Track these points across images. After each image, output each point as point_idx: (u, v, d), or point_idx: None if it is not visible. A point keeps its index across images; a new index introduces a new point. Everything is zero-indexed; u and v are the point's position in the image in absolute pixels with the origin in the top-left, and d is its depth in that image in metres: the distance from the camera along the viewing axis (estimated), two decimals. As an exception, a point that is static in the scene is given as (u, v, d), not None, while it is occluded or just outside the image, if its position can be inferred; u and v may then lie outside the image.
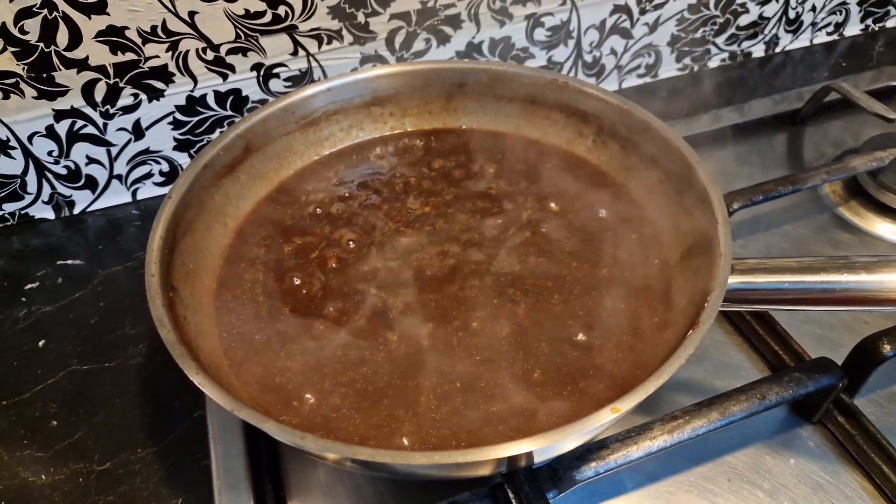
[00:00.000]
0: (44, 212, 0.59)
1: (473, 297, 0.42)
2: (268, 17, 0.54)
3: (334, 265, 0.44)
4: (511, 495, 0.35)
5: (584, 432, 0.31)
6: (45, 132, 0.54)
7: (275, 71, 0.57)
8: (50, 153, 0.55)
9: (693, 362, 0.45)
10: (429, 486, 0.39)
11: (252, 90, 0.58)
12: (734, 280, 0.36)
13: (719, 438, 0.41)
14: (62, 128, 0.54)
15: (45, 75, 0.51)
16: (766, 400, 0.40)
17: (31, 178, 0.56)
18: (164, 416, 0.45)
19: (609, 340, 0.39)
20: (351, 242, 0.46)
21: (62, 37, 0.49)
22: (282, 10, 0.53)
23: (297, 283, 0.43)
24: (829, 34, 0.80)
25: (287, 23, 0.54)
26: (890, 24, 0.82)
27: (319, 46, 0.57)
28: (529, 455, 0.31)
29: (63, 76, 0.51)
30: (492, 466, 0.32)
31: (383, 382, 0.37)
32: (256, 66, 0.56)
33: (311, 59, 0.57)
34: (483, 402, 0.36)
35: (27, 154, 0.55)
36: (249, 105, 0.59)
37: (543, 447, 0.30)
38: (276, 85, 0.58)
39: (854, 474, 0.40)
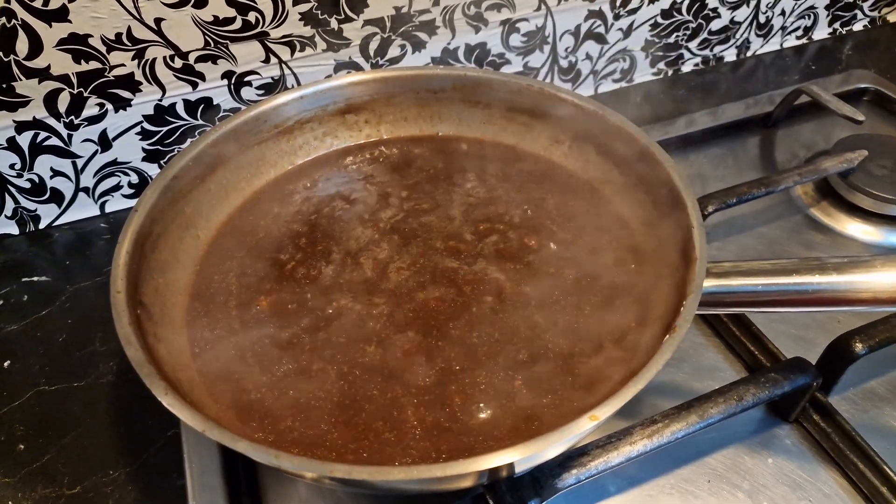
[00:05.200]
0: (7, 227, 0.57)
1: (451, 305, 0.41)
2: (238, 24, 0.53)
3: (310, 276, 0.43)
4: (493, 506, 0.35)
5: (564, 441, 0.30)
6: (6, 144, 0.52)
7: (246, 79, 0.56)
8: (12, 166, 0.53)
9: (671, 365, 0.45)
10: (410, 500, 0.39)
11: (223, 98, 0.57)
12: (710, 283, 0.37)
13: (699, 440, 0.42)
14: (24, 140, 0.52)
15: (4, 85, 0.49)
16: (744, 401, 0.40)
17: (-6, 192, 0.54)
18: (136, 435, 0.43)
19: (587, 346, 0.39)
20: (327, 253, 0.45)
21: (22, 45, 0.48)
22: (252, 16, 0.53)
23: (271, 295, 0.42)
24: (798, 38, 0.81)
25: (258, 29, 0.54)
26: (857, 27, 0.84)
27: (292, 53, 0.56)
28: (510, 465, 0.31)
29: (24, 86, 0.50)
30: (473, 478, 0.32)
31: (360, 396, 0.37)
32: (227, 74, 0.55)
33: (283, 66, 0.57)
34: (462, 412, 0.36)
35: (-12, 167, 0.53)
36: (221, 114, 0.58)
37: (524, 457, 0.29)
38: (248, 93, 0.57)
39: (831, 472, 0.41)
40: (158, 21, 0.50)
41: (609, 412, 0.30)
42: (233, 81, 0.56)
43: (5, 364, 0.48)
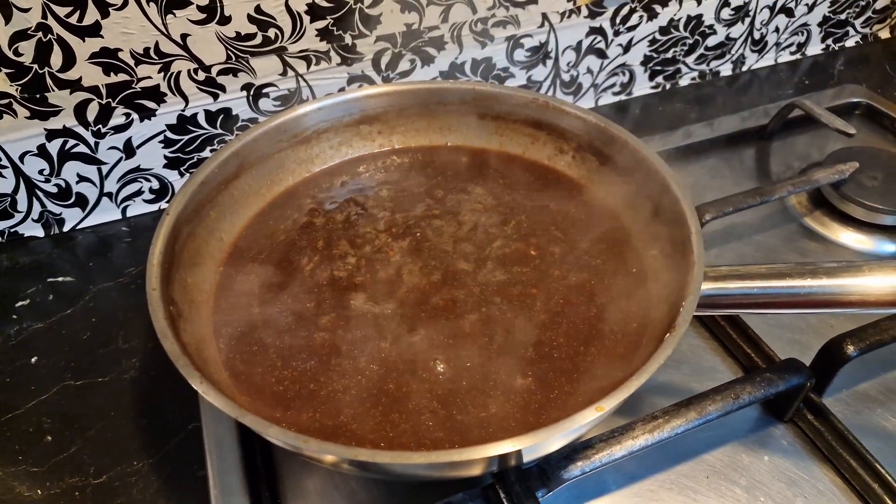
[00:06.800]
0: (33, 230, 0.59)
1: (461, 307, 0.43)
2: (258, 40, 0.55)
3: (326, 278, 0.45)
4: (502, 494, 0.37)
5: (571, 431, 0.32)
6: (36, 151, 0.54)
7: (264, 90, 0.59)
8: (41, 172, 0.56)
9: (671, 366, 0.47)
10: (423, 488, 0.40)
11: (242, 109, 0.59)
12: (707, 286, 0.39)
13: (698, 438, 0.43)
14: (54, 147, 0.55)
15: (38, 96, 0.52)
16: (740, 399, 0.42)
17: (22, 197, 0.57)
18: (159, 428, 0.45)
19: (592, 345, 0.41)
20: (343, 255, 0.47)
21: (56, 58, 0.50)
22: (272, 32, 0.55)
23: (290, 295, 0.44)
24: (792, 54, 0.84)
25: (277, 45, 0.56)
26: (849, 43, 0.87)
27: (308, 67, 0.59)
28: (519, 454, 0.33)
29: (56, 97, 0.52)
30: (484, 465, 0.34)
31: (377, 389, 0.39)
32: (247, 86, 0.58)
33: (299, 79, 0.59)
34: (473, 406, 0.38)
35: (18, 173, 0.55)
36: (239, 123, 0.60)
37: (533, 445, 0.31)
38: (265, 104, 0.60)
39: (824, 469, 0.42)
40: (184, 36, 0.53)
41: (614, 403, 0.32)
42: (252, 93, 0.58)
43: (32, 360, 0.50)
